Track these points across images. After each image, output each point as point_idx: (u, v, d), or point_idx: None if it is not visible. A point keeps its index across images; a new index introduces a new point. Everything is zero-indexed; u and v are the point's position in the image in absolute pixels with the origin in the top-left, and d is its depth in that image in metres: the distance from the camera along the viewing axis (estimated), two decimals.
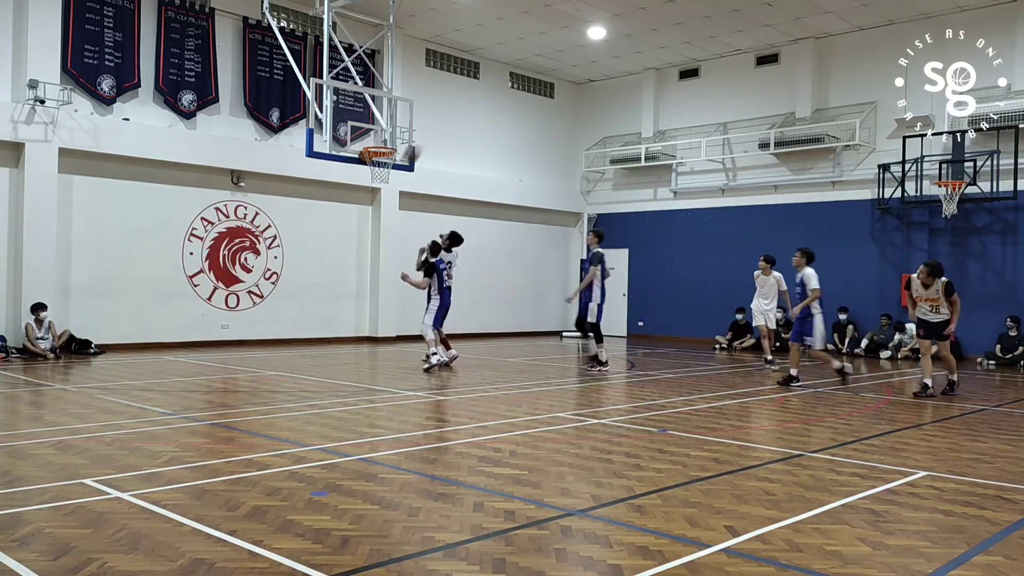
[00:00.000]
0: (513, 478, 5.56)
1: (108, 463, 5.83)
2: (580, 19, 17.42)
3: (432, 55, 19.40)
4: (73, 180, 14.09)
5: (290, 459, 6.04)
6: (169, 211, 15.22)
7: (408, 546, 4.12)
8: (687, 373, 13.07)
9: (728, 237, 19.58)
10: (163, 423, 7.48)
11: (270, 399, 9.18)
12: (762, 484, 5.55)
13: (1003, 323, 15.46)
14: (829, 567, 3.92)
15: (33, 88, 13.28)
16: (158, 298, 15.01)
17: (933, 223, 16.80)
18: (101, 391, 9.58)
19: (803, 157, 18.57)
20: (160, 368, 12.05)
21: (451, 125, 19.69)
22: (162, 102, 15.13)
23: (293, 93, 16.72)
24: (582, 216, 22.43)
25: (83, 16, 14.04)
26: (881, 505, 5.08)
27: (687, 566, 3.89)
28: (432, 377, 11.70)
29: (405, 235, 18.75)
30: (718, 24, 17.62)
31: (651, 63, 20.63)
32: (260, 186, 16.42)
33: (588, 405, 9.60)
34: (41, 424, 7.51)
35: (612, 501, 5.06)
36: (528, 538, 4.27)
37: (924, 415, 9.01)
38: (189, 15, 15.34)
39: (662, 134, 21.08)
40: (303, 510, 4.69)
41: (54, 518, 4.46)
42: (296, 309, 16.99)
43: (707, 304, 19.60)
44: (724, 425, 7.90)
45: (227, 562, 3.82)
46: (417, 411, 8.48)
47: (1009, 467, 6.30)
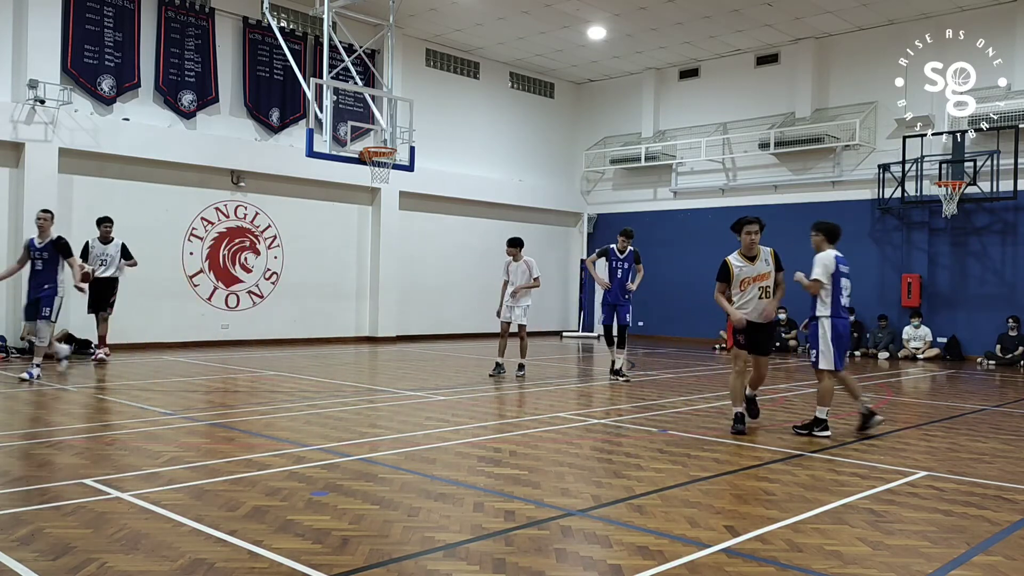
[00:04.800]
0: (513, 478, 5.56)
1: (108, 463, 5.83)
2: (580, 19, 17.42)
3: (432, 55, 19.40)
4: (73, 180, 14.09)
5: (290, 459, 6.04)
6: (169, 211, 15.22)
7: (408, 546, 4.12)
8: (687, 373, 13.07)
9: (728, 237, 19.33)
10: (163, 423, 7.48)
11: (270, 399, 9.17)
12: (762, 484, 5.55)
13: (1003, 323, 15.47)
14: (829, 567, 3.92)
15: (33, 88, 13.28)
16: (158, 298, 15.01)
17: (933, 223, 16.80)
18: (101, 391, 9.58)
19: (803, 157, 18.57)
20: (160, 368, 12.05)
21: (451, 125, 19.69)
22: (162, 102, 15.13)
23: (293, 93, 16.72)
24: (582, 216, 22.43)
25: (83, 16, 14.04)
26: (881, 505, 5.08)
27: (687, 566, 3.89)
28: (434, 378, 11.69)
29: (405, 235, 18.78)
30: (718, 24, 17.61)
31: (651, 63, 20.63)
32: (260, 186, 16.42)
33: (588, 405, 9.60)
34: (41, 424, 7.50)
35: (612, 501, 5.06)
36: (528, 538, 4.27)
37: (924, 415, 9.01)
38: (189, 15, 15.33)
39: (662, 134, 21.08)
40: (303, 510, 4.69)
41: (54, 518, 4.46)
42: (296, 309, 16.99)
43: (707, 304, 19.39)
44: (724, 425, 7.89)
45: (227, 562, 3.82)
46: (417, 411, 8.47)
47: (1009, 467, 6.29)
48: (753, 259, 7.49)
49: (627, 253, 11.66)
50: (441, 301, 19.48)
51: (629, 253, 11.67)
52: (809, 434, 7.37)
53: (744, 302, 7.50)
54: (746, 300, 7.49)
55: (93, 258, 12.32)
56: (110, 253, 12.53)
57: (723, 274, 7.63)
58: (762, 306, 7.45)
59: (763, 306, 7.45)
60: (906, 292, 16.74)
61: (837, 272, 7.34)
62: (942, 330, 16.60)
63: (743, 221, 7.57)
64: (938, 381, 12.83)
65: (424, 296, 19.17)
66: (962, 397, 10.76)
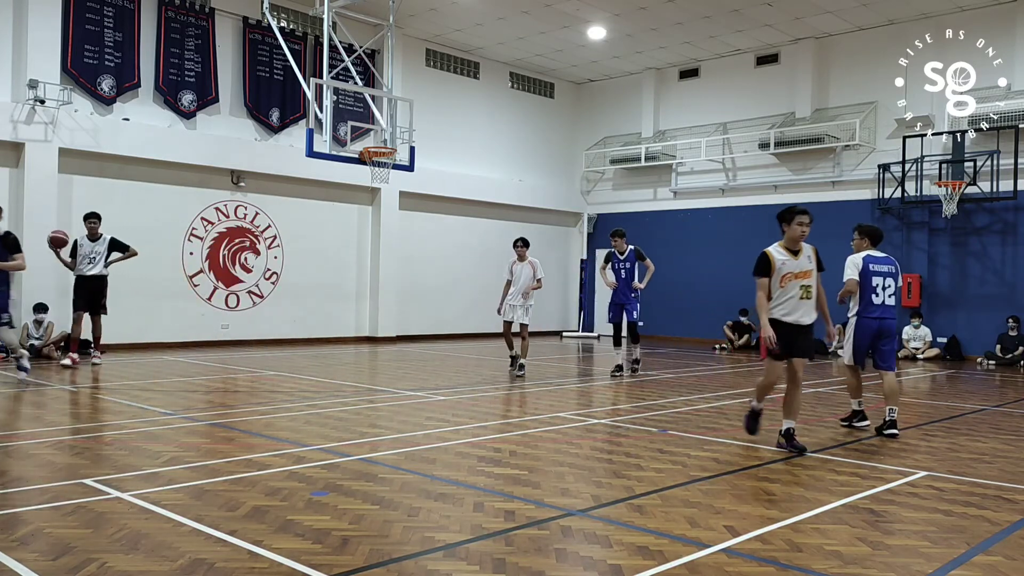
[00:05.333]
0: (513, 478, 5.56)
1: (108, 463, 5.83)
2: (580, 19, 17.42)
3: (432, 55, 19.40)
4: (73, 180, 14.09)
5: (290, 459, 6.04)
6: (169, 211, 15.22)
7: (408, 546, 4.12)
8: (687, 373, 13.07)
9: (728, 237, 19.57)
10: (163, 423, 7.48)
11: (270, 399, 9.17)
12: (762, 484, 5.55)
13: (1003, 323, 15.47)
14: (829, 567, 3.92)
15: (33, 88, 13.28)
16: (158, 298, 15.01)
17: (933, 223, 16.80)
18: (101, 391, 9.58)
19: (803, 157, 18.57)
20: (160, 368, 12.05)
21: (451, 125, 19.70)
22: (162, 102, 15.13)
23: (293, 93, 16.72)
24: (582, 216, 22.43)
25: (83, 16, 14.04)
26: (881, 505, 5.08)
27: (687, 566, 3.89)
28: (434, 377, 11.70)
29: (405, 235, 18.78)
30: (718, 24, 17.61)
31: (651, 63, 20.63)
32: (260, 186, 16.42)
33: (588, 405, 9.60)
34: (41, 424, 7.50)
35: (612, 501, 5.06)
36: (528, 538, 4.27)
37: (924, 415, 9.01)
38: (189, 15, 15.34)
39: (662, 134, 21.08)
40: (303, 510, 4.69)
41: (54, 518, 4.46)
42: (296, 309, 16.99)
43: (707, 304, 19.60)
44: (724, 425, 7.90)
45: (227, 562, 3.82)
46: (417, 411, 8.47)
47: (1009, 467, 6.29)
48: (796, 253, 6.71)
49: (627, 253, 12.09)
50: (441, 301, 19.48)
51: (629, 252, 12.09)
52: (849, 425, 7.89)
53: (783, 301, 6.63)
54: (786, 299, 6.62)
55: (82, 256, 11.87)
56: (98, 250, 11.99)
57: (763, 267, 6.67)
58: (801, 307, 6.63)
59: (802, 307, 6.63)
60: (906, 292, 16.73)
61: (867, 271, 7.65)
62: (942, 330, 16.60)
63: (795, 211, 6.71)
64: (938, 381, 12.83)
65: (424, 296, 19.18)
66: (962, 397, 10.76)
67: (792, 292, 6.62)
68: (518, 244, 12.08)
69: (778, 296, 6.65)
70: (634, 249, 12.13)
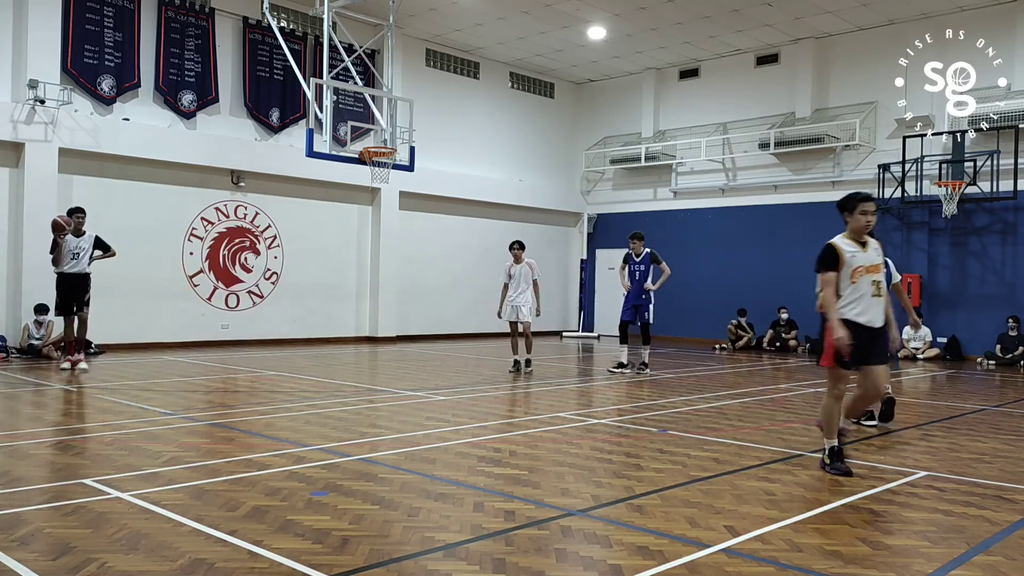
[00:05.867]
0: (513, 478, 5.56)
1: (108, 463, 5.83)
2: (580, 19, 17.42)
3: (432, 55, 19.40)
4: (73, 180, 14.08)
5: (290, 459, 6.04)
6: (169, 211, 15.22)
7: (408, 546, 4.12)
8: (687, 373, 13.07)
9: (728, 237, 19.57)
10: (163, 423, 7.48)
11: (270, 399, 9.17)
12: (762, 484, 5.55)
13: (1003, 323, 15.47)
14: (829, 567, 3.92)
15: (33, 88, 13.28)
16: (158, 298, 15.01)
17: (933, 223, 16.80)
18: (101, 391, 9.58)
19: (803, 157, 18.57)
20: (160, 368, 12.05)
21: (451, 125, 19.70)
22: (162, 102, 15.13)
23: (293, 93, 16.72)
24: (582, 216, 22.43)
25: (83, 16, 14.04)
26: (881, 505, 5.08)
27: (687, 566, 3.89)
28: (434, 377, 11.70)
29: (405, 235, 18.78)
30: (718, 24, 17.62)
31: (651, 63, 20.63)
32: (260, 186, 16.42)
33: (588, 405, 9.60)
34: (41, 424, 7.50)
35: (612, 501, 5.06)
36: (528, 538, 4.27)
37: (924, 415, 9.01)
38: (189, 15, 15.34)
39: (662, 134, 21.08)
40: (303, 510, 4.69)
41: (54, 518, 4.46)
42: (296, 309, 16.99)
43: (707, 304, 19.60)
44: (724, 425, 7.90)
45: (227, 562, 3.82)
46: (417, 411, 8.47)
47: (1009, 467, 6.29)
48: (864, 245, 5.84)
49: (643, 256, 12.44)
50: (441, 301, 19.48)
51: (645, 255, 12.44)
52: (858, 423, 7.87)
53: (855, 299, 5.73)
54: (857, 296, 5.73)
55: (66, 252, 11.34)
56: (83, 246, 11.46)
57: (830, 261, 5.75)
58: (875, 306, 5.77)
59: (875, 306, 5.78)
60: (906, 292, 16.72)
61: None
62: (942, 330, 16.60)
63: (858, 198, 5.83)
64: (938, 381, 12.83)
65: (424, 296, 19.18)
66: (962, 397, 10.76)
67: (864, 288, 5.74)
68: (514, 247, 12.19)
69: (849, 293, 5.73)
70: (650, 252, 12.43)
